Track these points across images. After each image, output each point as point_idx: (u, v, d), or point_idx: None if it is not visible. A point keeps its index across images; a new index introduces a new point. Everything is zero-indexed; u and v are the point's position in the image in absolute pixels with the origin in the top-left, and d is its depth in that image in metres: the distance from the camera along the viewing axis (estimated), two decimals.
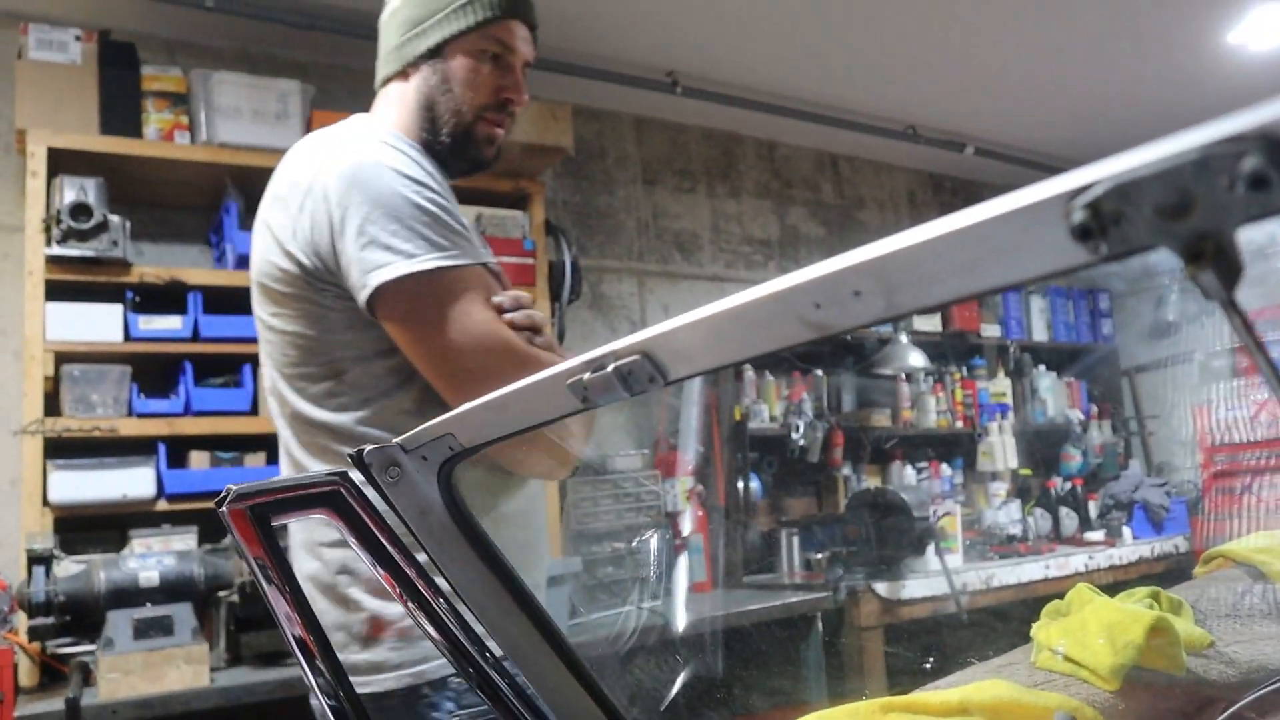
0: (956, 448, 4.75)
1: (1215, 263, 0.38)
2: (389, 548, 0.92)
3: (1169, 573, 4.35)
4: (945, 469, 4.57)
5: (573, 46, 3.53)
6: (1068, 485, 4.81)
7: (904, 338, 4.55)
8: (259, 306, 1.38)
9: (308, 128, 3.08)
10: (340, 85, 3.45)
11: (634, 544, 3.55)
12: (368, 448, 0.91)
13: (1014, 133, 4.85)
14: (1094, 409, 5.29)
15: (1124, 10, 3.68)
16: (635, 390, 0.70)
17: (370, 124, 1.43)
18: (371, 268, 1.21)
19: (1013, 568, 3.97)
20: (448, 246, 1.23)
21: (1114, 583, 3.63)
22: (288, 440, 1.37)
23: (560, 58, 3.55)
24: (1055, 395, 5.12)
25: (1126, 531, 4.60)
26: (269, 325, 1.35)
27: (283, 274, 1.30)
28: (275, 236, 1.31)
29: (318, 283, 1.28)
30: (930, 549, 3.76)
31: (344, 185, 1.25)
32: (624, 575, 3.23)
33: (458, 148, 1.41)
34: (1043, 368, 5.13)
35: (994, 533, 4.45)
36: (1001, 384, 4.84)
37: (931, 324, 4.75)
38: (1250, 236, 0.40)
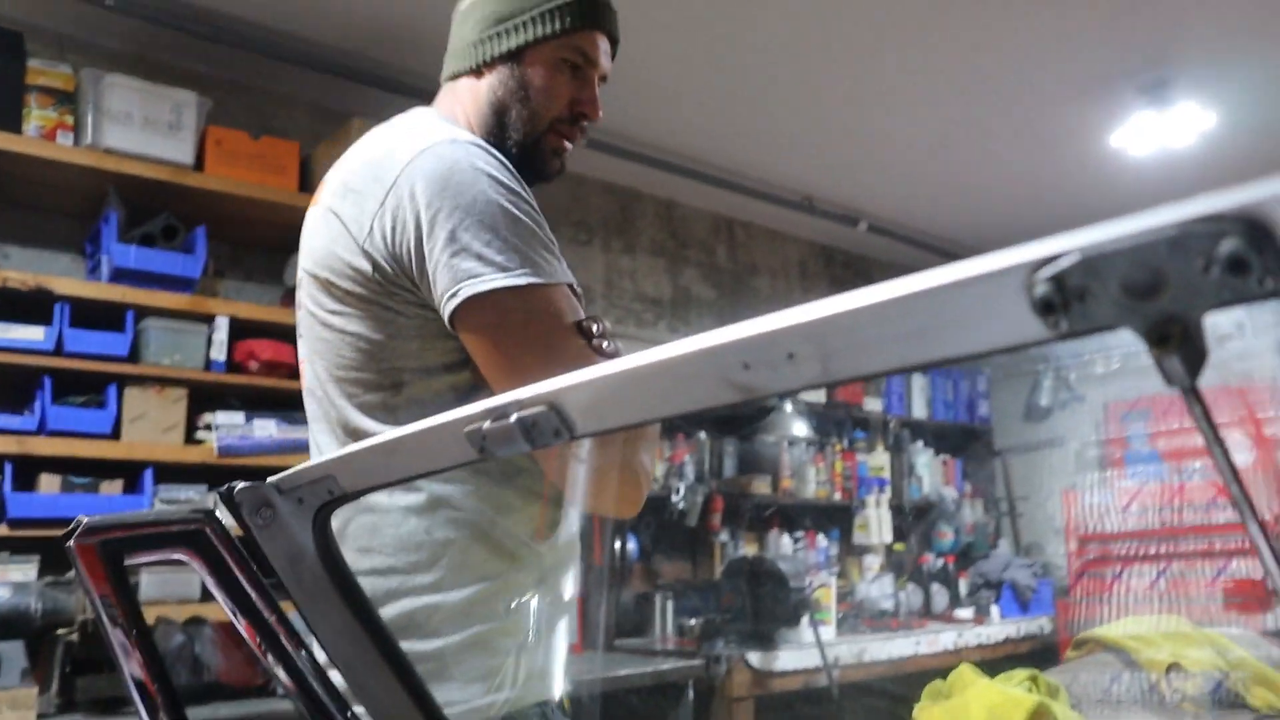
0: (834, 519, 4.80)
1: (1182, 347, 0.36)
2: (253, 595, 0.85)
3: (1034, 652, 4.46)
4: (822, 540, 4.61)
5: None
6: (940, 562, 4.91)
7: (788, 406, 4.60)
8: (312, 301, 1.27)
9: (202, 142, 2.97)
10: (240, 102, 3.34)
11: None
12: (239, 485, 0.84)
13: (907, 212, 5.00)
14: (968, 487, 5.44)
15: (1014, 105, 3.85)
16: (538, 443, 0.66)
17: (445, 121, 1.34)
18: (464, 277, 1.13)
19: (884, 643, 4.01)
20: (541, 263, 1.16)
21: (982, 660, 3.69)
22: (324, 447, 1.28)
23: None
24: (931, 472, 5.24)
25: (995, 610, 4.71)
26: (325, 323, 1.26)
27: (354, 272, 1.21)
28: (348, 230, 1.22)
29: (392, 286, 1.20)
30: (804, 620, 3.76)
31: (436, 187, 1.16)
32: None
33: (524, 157, 1.34)
34: (921, 444, 5.25)
35: (867, 606, 4.49)
36: (881, 458, 4.93)
37: (816, 394, 4.82)
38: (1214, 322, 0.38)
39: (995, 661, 3.88)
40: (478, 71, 1.36)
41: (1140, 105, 3.78)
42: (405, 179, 1.18)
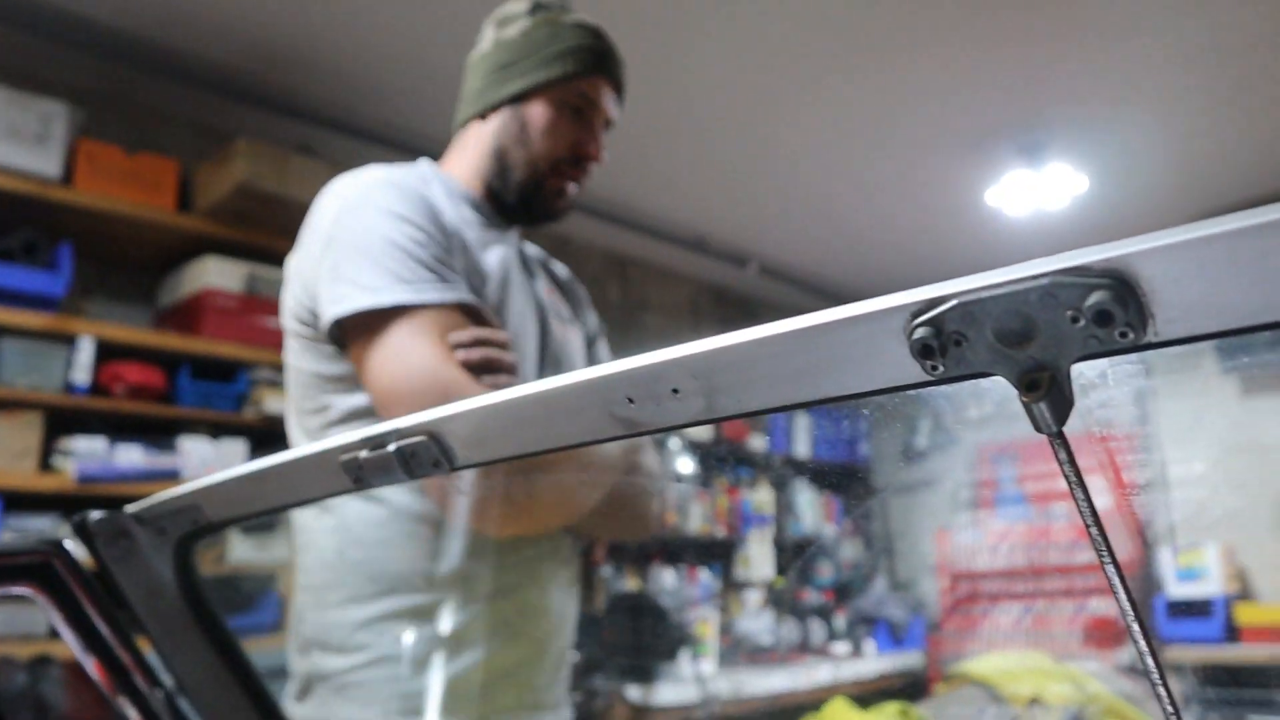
0: (716, 554, 4.83)
1: (1049, 395, 0.37)
2: (105, 632, 0.80)
3: (907, 686, 4.56)
4: (704, 574, 4.63)
5: (368, 114, 3.46)
6: (818, 597, 4.98)
7: (674, 442, 4.62)
8: (287, 345, 1.37)
9: (71, 155, 2.84)
10: (116, 116, 3.21)
11: None
12: (93, 514, 0.80)
13: (797, 256, 5.11)
14: (847, 525, 5.55)
15: (898, 157, 3.98)
16: (417, 474, 0.64)
17: (413, 165, 1.40)
18: (333, 300, 1.19)
19: (762, 677, 4.04)
20: (414, 281, 1.19)
21: (858, 694, 3.75)
22: None
23: (356, 123, 3.47)
24: (813, 509, 5.33)
25: (870, 644, 4.80)
26: (287, 362, 1.35)
27: (291, 310, 1.30)
28: (289, 273, 1.33)
29: (313, 318, 1.26)
30: (684, 655, 3.77)
31: (331, 225, 1.25)
32: None
33: (527, 197, 1.39)
34: (803, 481, 5.34)
35: (747, 641, 4.52)
36: (764, 495, 4.99)
37: (702, 431, 4.86)
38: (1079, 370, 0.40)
39: (869, 695, 3.95)
40: (483, 115, 1.41)
41: (1016, 165, 3.93)
42: (316, 222, 1.28)
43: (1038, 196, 4.06)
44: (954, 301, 0.37)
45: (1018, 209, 4.17)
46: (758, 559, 4.76)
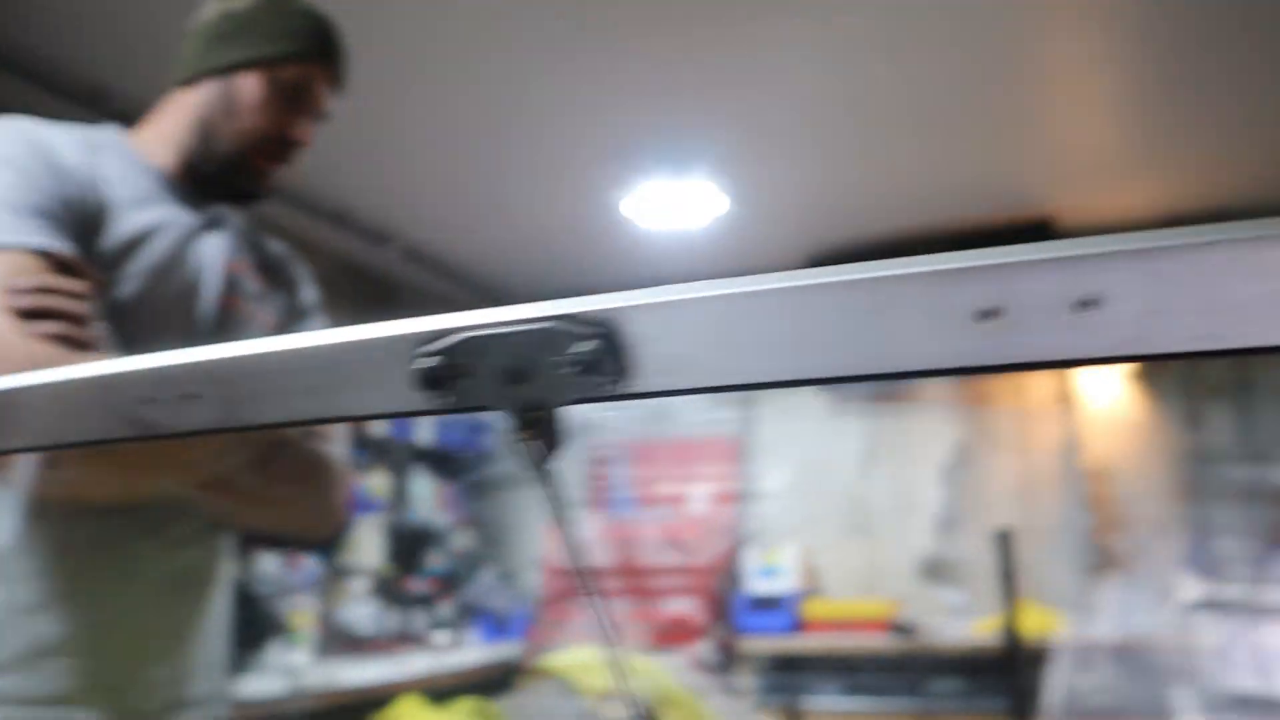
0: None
1: (542, 434, 0.39)
2: None
3: (504, 678, 4.66)
4: (309, 561, 4.46)
5: None
6: (425, 586, 4.97)
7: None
8: None
9: None
10: None
11: None
12: None
13: (441, 243, 5.01)
14: (462, 515, 5.58)
15: (541, 155, 3.95)
16: None
17: (92, 128, 1.31)
18: None
19: (359, 668, 3.96)
20: None
21: (456, 685, 3.78)
22: None
23: None
24: (429, 497, 5.31)
25: (471, 635, 4.86)
26: None
27: None
28: None
29: None
30: (276, 645, 3.61)
31: None
32: None
33: (227, 172, 1.33)
34: (421, 468, 5.30)
35: (347, 630, 4.41)
36: (379, 480, 4.90)
37: None
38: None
39: (465, 686, 3.99)
40: (191, 82, 1.34)
41: (657, 178, 4.00)
42: None
43: (677, 212, 4.18)
44: (461, 336, 0.38)
45: (655, 223, 4.31)
46: (366, 545, 4.66)
